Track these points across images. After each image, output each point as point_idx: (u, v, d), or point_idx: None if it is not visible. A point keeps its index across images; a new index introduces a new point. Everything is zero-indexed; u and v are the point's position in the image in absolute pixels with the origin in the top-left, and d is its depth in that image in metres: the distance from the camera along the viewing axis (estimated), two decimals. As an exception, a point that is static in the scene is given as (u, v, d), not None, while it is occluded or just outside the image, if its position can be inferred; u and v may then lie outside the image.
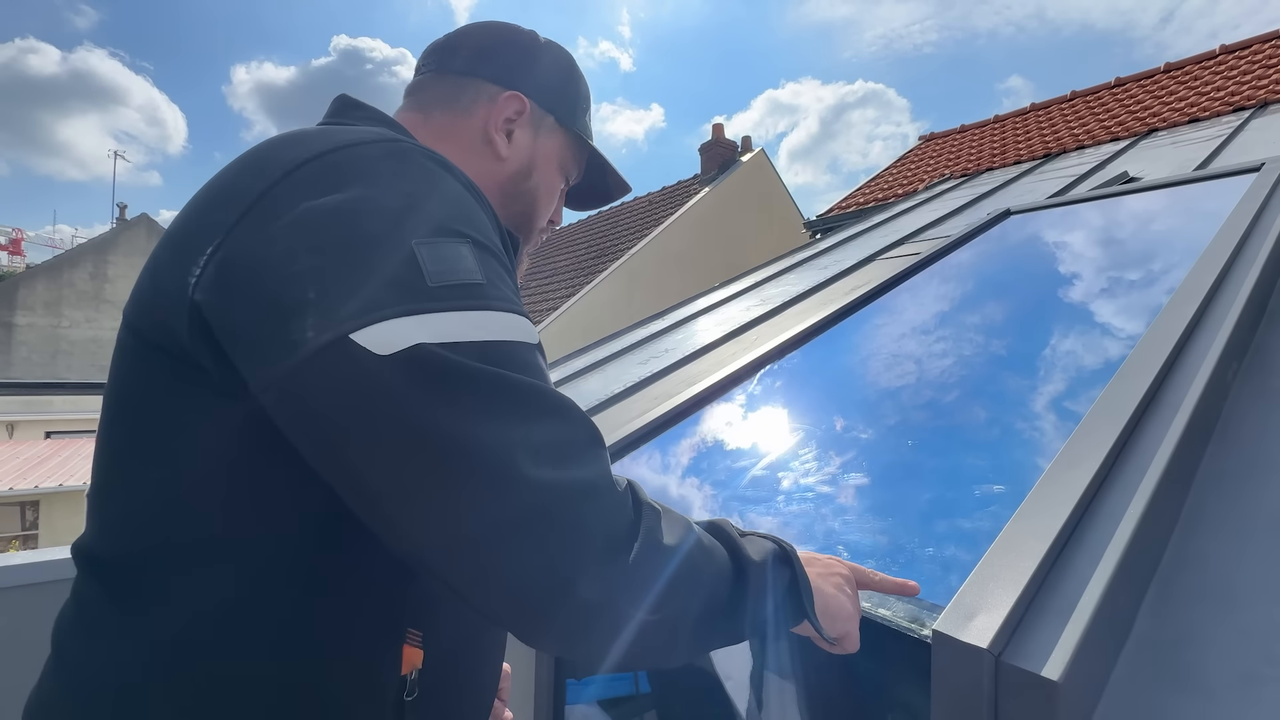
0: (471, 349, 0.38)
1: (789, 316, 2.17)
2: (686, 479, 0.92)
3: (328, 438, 0.37)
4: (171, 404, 0.43)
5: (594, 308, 7.25)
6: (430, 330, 0.37)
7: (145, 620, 0.42)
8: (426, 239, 0.40)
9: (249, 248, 0.40)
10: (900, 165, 6.30)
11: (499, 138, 0.62)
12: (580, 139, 0.68)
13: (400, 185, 0.43)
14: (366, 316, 0.36)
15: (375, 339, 0.35)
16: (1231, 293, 0.92)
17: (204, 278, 0.40)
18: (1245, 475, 0.66)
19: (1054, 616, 0.45)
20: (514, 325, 0.41)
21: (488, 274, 0.42)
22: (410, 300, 0.37)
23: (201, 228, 0.43)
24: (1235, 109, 3.59)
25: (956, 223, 2.84)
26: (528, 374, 0.40)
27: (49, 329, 13.17)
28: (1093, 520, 0.53)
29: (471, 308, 0.39)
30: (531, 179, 0.64)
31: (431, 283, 0.38)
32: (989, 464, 0.72)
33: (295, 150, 0.44)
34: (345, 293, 0.37)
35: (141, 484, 0.44)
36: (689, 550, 0.42)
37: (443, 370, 0.36)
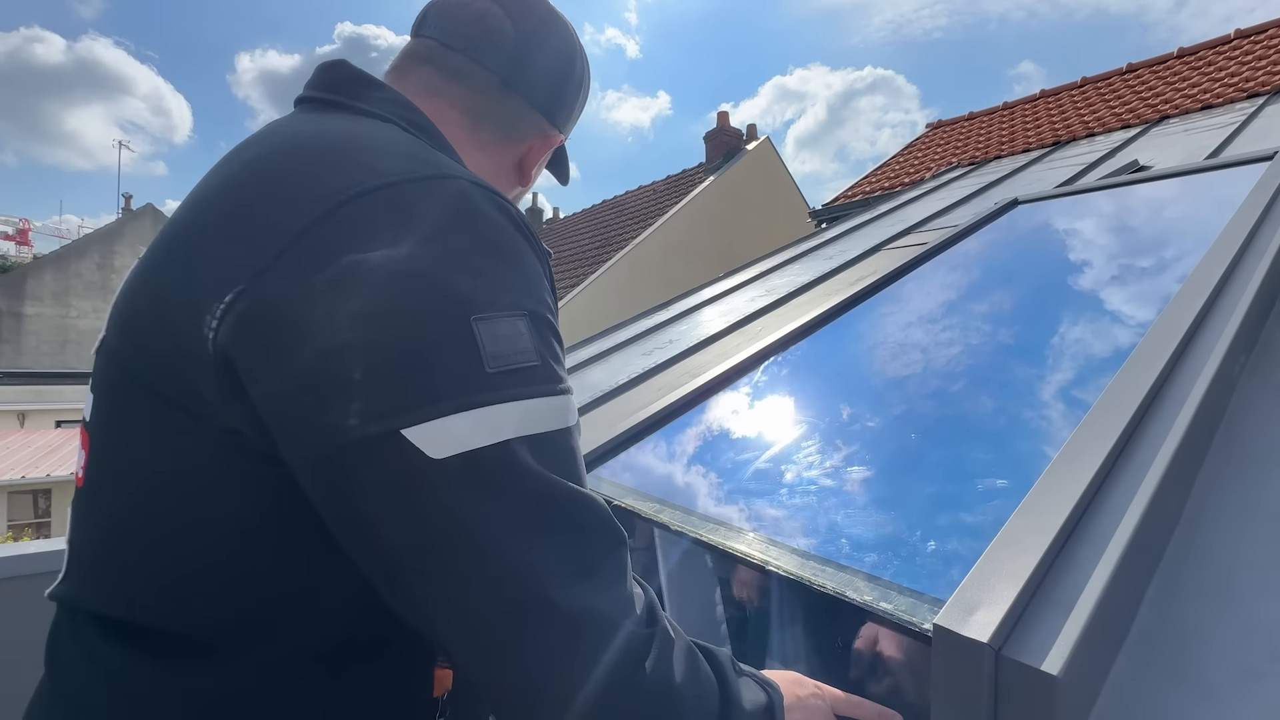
0: (522, 444, 0.36)
1: (794, 307, 2.17)
2: (691, 470, 0.92)
3: (365, 528, 0.35)
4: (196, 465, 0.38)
5: (598, 297, 7.24)
6: (485, 430, 0.34)
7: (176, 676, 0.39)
8: (485, 314, 0.36)
9: (284, 302, 0.35)
10: (907, 153, 6.24)
11: (534, 171, 0.64)
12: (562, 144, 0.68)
13: (458, 243, 0.38)
14: (421, 411, 0.33)
15: (429, 439, 0.33)
16: (1240, 286, 0.92)
17: (224, 328, 0.36)
18: (1250, 470, 0.66)
19: (1055, 611, 0.45)
20: (561, 411, 0.39)
21: (542, 351, 0.39)
22: (467, 392, 0.34)
23: (219, 262, 0.38)
24: (1249, 95, 3.53)
25: (964, 212, 2.81)
26: (570, 464, 0.39)
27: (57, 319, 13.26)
28: (1096, 515, 0.53)
29: (527, 396, 0.37)
30: (526, 185, 0.66)
31: (490, 368, 0.36)
32: (993, 457, 0.72)
33: (335, 179, 0.38)
34: (397, 379, 0.33)
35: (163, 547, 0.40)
36: (683, 691, 0.39)
37: (494, 477, 0.34)
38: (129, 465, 0.41)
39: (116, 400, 0.42)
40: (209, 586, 0.39)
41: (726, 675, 0.43)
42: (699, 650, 0.43)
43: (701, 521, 0.76)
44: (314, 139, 0.43)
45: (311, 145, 0.42)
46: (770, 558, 0.65)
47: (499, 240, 0.41)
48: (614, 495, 0.88)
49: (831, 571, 0.60)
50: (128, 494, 0.41)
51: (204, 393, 0.37)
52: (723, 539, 0.70)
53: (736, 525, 0.73)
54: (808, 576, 0.60)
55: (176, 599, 0.40)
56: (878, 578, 0.57)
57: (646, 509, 0.81)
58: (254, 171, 0.41)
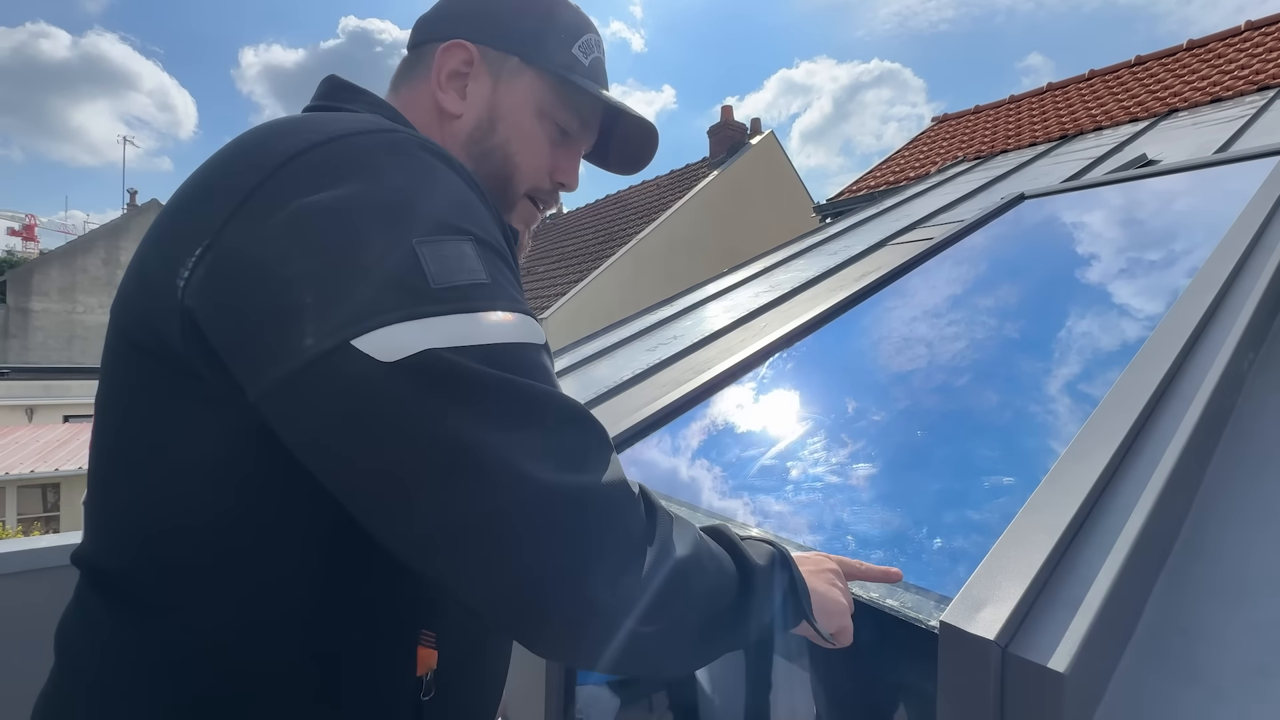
0: (478, 353, 0.36)
1: (798, 303, 2.16)
2: (695, 467, 0.92)
3: (330, 446, 0.36)
4: (168, 414, 0.41)
5: (601, 292, 7.24)
6: (436, 335, 0.35)
7: (155, 631, 0.42)
8: (428, 237, 0.38)
9: (240, 248, 0.38)
10: (913, 147, 6.20)
11: (445, 94, 0.57)
12: (561, 75, 0.58)
13: (398, 180, 0.40)
14: (368, 321, 0.34)
15: (378, 345, 0.34)
16: (1250, 281, 0.91)
17: (194, 280, 0.38)
18: (1258, 466, 0.65)
19: (1062, 609, 0.45)
20: (521, 326, 0.40)
21: (492, 273, 0.40)
22: (414, 303, 0.36)
23: (189, 224, 0.40)
24: (1260, 88, 3.49)
25: (969, 207, 2.80)
26: (535, 376, 0.38)
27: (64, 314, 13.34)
28: (1103, 512, 0.53)
29: (477, 309, 0.38)
30: (498, 131, 0.58)
31: (435, 284, 0.37)
32: (1000, 454, 0.72)
33: (287, 141, 0.41)
34: (344, 296, 0.35)
35: (141, 497, 0.42)
36: (699, 558, 0.41)
37: (450, 377, 0.35)
38: (114, 418, 0.44)
39: (108, 360, 0.45)
40: (180, 533, 0.41)
41: (734, 539, 0.47)
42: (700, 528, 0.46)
43: (707, 518, 0.76)
44: (282, 121, 0.46)
45: (275, 123, 0.45)
46: (776, 554, 0.65)
47: (439, 178, 0.42)
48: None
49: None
50: (111, 444, 0.44)
51: (171, 342, 0.39)
52: (728, 535, 0.71)
53: (742, 521, 0.73)
54: (813, 573, 0.60)
55: (151, 546, 0.42)
56: (883, 574, 0.57)
57: (652, 505, 0.82)
58: (227, 148, 0.44)
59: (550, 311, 6.80)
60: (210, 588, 0.41)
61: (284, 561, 0.42)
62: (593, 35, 0.62)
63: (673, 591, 0.38)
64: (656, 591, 0.37)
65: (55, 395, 11.26)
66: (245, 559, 0.41)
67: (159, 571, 0.42)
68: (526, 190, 0.61)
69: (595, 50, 0.62)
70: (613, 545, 0.36)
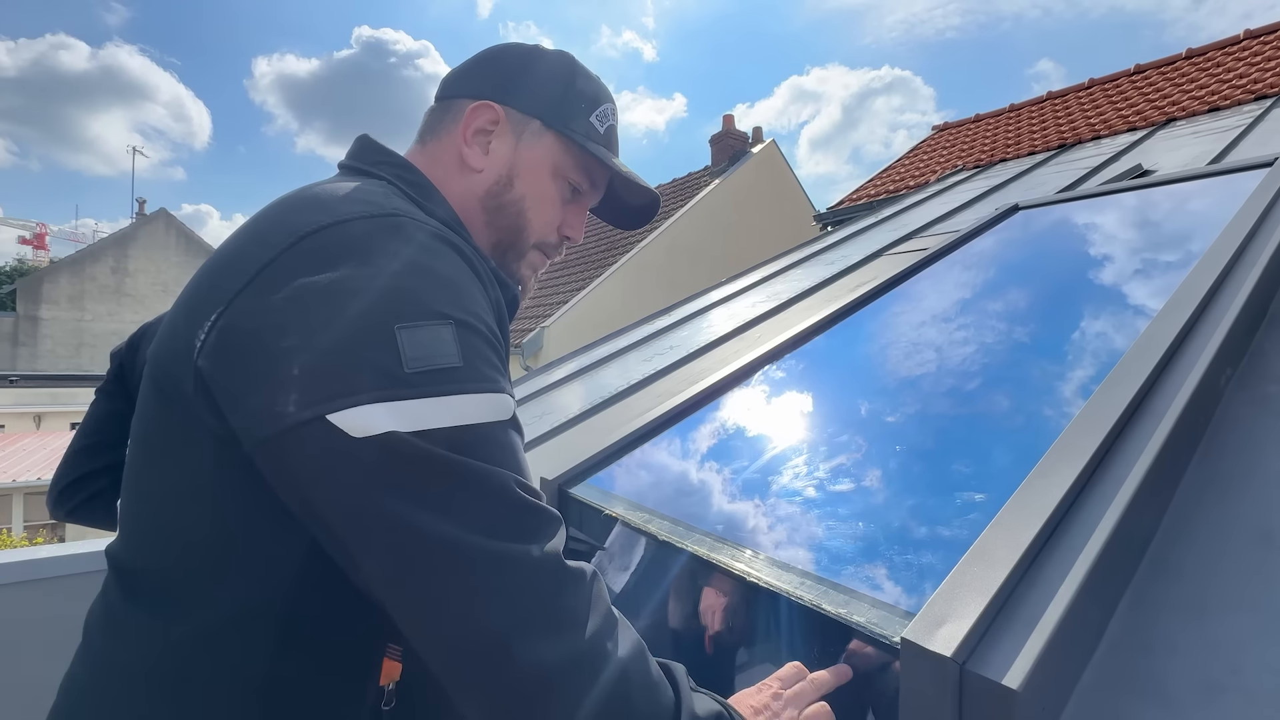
0: (441, 435, 0.41)
1: (794, 313, 2.18)
2: (681, 481, 0.94)
3: (305, 500, 0.41)
4: (178, 444, 0.47)
5: (604, 300, 7.27)
6: (401, 418, 0.40)
7: (159, 622, 0.47)
8: (408, 322, 0.42)
9: (246, 319, 0.43)
10: (914, 155, 6.22)
11: (470, 150, 0.62)
12: (578, 141, 0.63)
13: (391, 265, 0.45)
14: (343, 400, 0.39)
15: (350, 422, 0.39)
16: (1229, 296, 0.92)
17: (207, 343, 0.44)
18: (1229, 484, 0.66)
19: (1020, 626, 0.46)
20: (487, 405, 0.44)
21: (467, 355, 0.44)
22: (386, 387, 0.40)
23: (211, 291, 0.46)
24: (1257, 97, 3.50)
25: (966, 217, 2.81)
26: (490, 455, 0.42)
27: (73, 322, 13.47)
28: (1066, 531, 0.54)
29: (446, 393, 0.42)
30: (515, 188, 0.63)
31: (408, 369, 0.41)
32: (975, 469, 0.73)
33: (300, 219, 0.47)
34: (326, 373, 0.40)
35: (156, 509, 0.49)
36: (638, 662, 0.43)
37: (409, 457, 0.39)
38: (139, 440, 0.51)
39: (143, 390, 0.52)
40: (178, 541, 0.47)
41: (678, 679, 0.46)
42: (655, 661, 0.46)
43: (688, 532, 0.77)
44: (304, 193, 0.51)
45: (298, 197, 0.51)
46: (752, 569, 0.66)
47: (429, 262, 0.47)
48: (604, 505, 0.89)
49: (810, 584, 0.61)
50: (137, 461, 0.51)
51: (186, 392, 0.45)
52: (708, 551, 0.72)
53: (722, 537, 0.75)
54: (786, 588, 0.61)
55: (157, 549, 0.48)
56: (854, 590, 0.59)
57: (635, 519, 0.83)
58: (253, 220, 0.51)
59: (553, 319, 6.83)
60: (200, 590, 0.47)
61: (268, 578, 0.46)
62: (609, 105, 0.68)
63: (596, 672, 0.40)
64: (579, 666, 0.40)
65: (63, 403, 11.35)
66: (232, 568, 0.46)
67: (167, 572, 0.48)
68: (535, 242, 0.66)
69: (611, 119, 0.68)
70: (537, 614, 0.40)
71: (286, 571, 0.46)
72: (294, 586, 0.46)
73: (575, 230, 0.69)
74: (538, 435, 1.70)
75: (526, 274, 0.68)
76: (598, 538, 0.92)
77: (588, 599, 0.42)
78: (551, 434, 1.70)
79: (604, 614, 0.43)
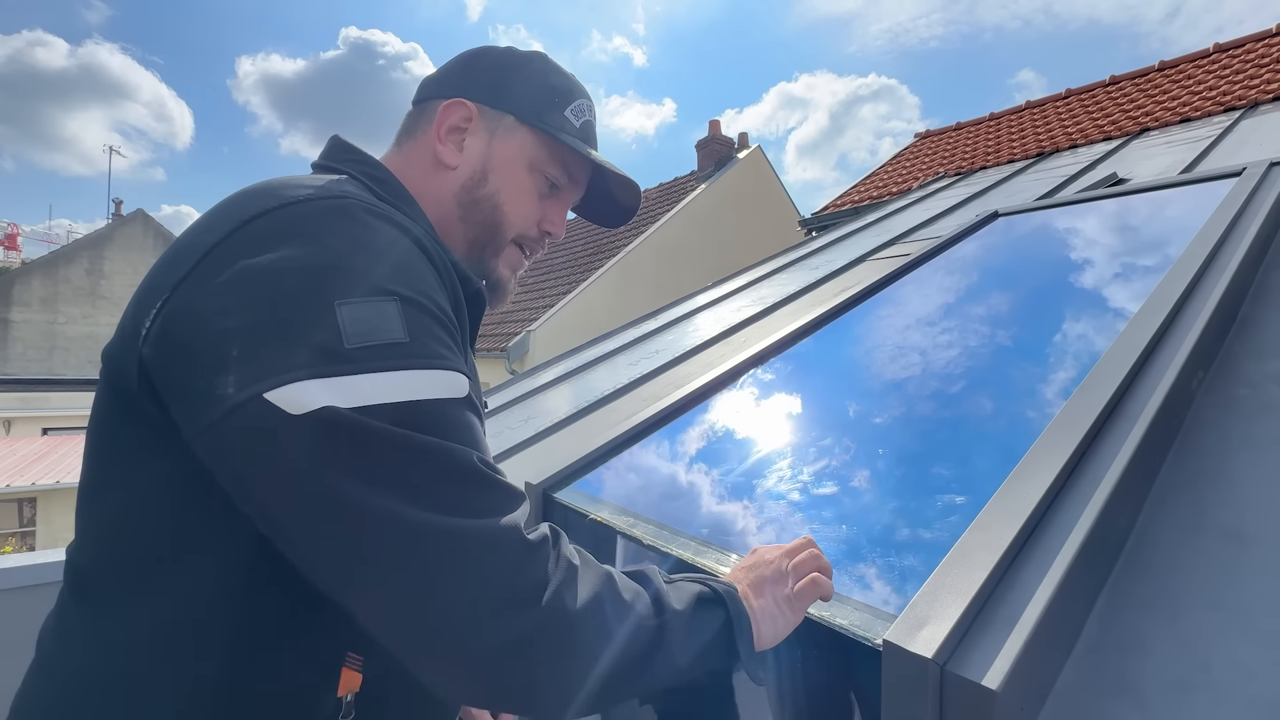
0: (383, 411, 0.39)
1: (779, 318, 2.19)
2: (666, 486, 0.94)
3: (247, 486, 0.40)
4: (128, 439, 0.46)
5: (590, 304, 7.26)
6: (340, 393, 0.38)
7: (104, 625, 0.45)
8: (350, 299, 0.41)
9: (190, 303, 0.42)
10: (897, 162, 6.31)
11: (444, 147, 0.61)
12: (552, 134, 0.63)
13: (334, 244, 0.44)
14: (280, 377, 0.38)
15: (287, 399, 0.38)
16: (1201, 300, 0.94)
17: (151, 331, 0.43)
18: (1202, 485, 0.68)
19: (999, 627, 0.47)
20: (437, 382, 0.42)
21: (414, 331, 0.43)
22: (323, 363, 0.39)
23: (160, 279, 0.45)
24: (1226, 109, 3.60)
25: (947, 223, 2.85)
26: (447, 430, 0.41)
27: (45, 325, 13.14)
28: (1044, 532, 0.55)
29: (390, 368, 0.40)
30: (489, 183, 0.62)
31: (349, 344, 0.40)
32: (956, 472, 0.74)
33: (252, 205, 0.46)
34: (264, 352, 0.39)
35: (106, 505, 0.47)
36: (603, 602, 0.43)
37: (346, 432, 0.38)
38: (92, 440, 0.50)
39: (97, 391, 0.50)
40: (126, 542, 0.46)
41: (653, 580, 0.48)
42: (622, 573, 0.47)
43: (673, 536, 0.77)
44: (260, 184, 0.50)
45: (253, 187, 0.50)
46: (737, 572, 0.66)
47: (373, 240, 0.46)
48: (589, 509, 0.89)
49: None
50: (90, 461, 0.49)
51: (130, 384, 0.44)
52: (693, 555, 0.72)
53: (707, 540, 0.75)
54: (771, 591, 0.61)
55: (106, 552, 0.47)
56: (838, 593, 0.59)
57: (620, 523, 0.83)
58: (207, 212, 0.49)
59: (539, 323, 6.81)
60: (152, 592, 0.45)
61: (219, 578, 0.45)
62: (584, 101, 0.68)
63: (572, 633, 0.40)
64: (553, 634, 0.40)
65: (34, 407, 11.06)
66: (180, 569, 0.45)
67: (114, 572, 0.46)
68: (514, 237, 0.65)
69: (586, 114, 0.68)
70: (495, 585, 0.39)
71: (237, 573, 0.44)
72: (245, 589, 0.45)
73: (556, 225, 0.68)
74: (523, 439, 1.69)
75: (505, 273, 0.67)
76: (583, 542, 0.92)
77: (549, 562, 0.42)
78: (536, 438, 1.69)
79: (564, 568, 0.42)
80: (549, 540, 0.43)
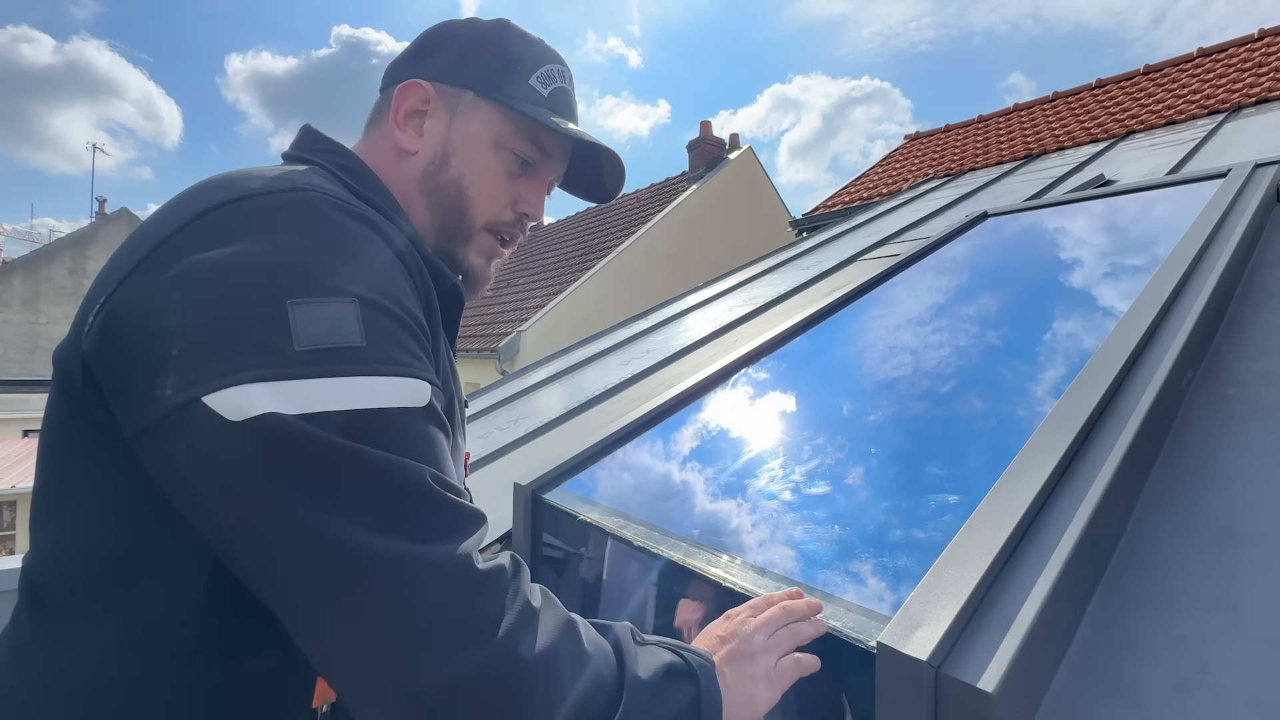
0: (331, 420, 0.36)
1: (769, 318, 2.19)
2: (656, 486, 0.93)
3: (187, 495, 0.38)
4: (80, 443, 0.43)
5: (581, 305, 7.24)
6: (285, 399, 0.36)
7: (61, 638, 0.42)
8: (304, 299, 0.38)
9: (133, 299, 0.39)
10: (887, 163, 6.34)
11: (403, 133, 0.58)
12: (514, 105, 0.58)
13: (290, 240, 0.41)
14: (221, 380, 0.35)
15: (226, 404, 0.35)
16: (1189, 300, 0.95)
17: (93, 327, 0.40)
18: (1194, 484, 0.68)
19: (994, 628, 0.46)
20: (395, 390, 0.39)
21: (372, 335, 0.40)
22: (270, 365, 0.36)
23: (108, 273, 0.42)
24: (1210, 112, 3.65)
25: (937, 224, 2.87)
26: (402, 443, 0.38)
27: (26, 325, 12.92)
28: (1038, 532, 0.54)
29: (343, 374, 0.38)
30: (451, 165, 0.58)
31: (299, 346, 0.37)
32: (949, 471, 0.74)
33: (207, 197, 0.43)
34: (207, 353, 0.36)
35: (57, 515, 0.45)
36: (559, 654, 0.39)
37: (293, 443, 0.35)
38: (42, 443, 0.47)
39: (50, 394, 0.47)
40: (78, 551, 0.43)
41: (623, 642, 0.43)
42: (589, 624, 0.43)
43: (664, 537, 0.76)
44: (221, 175, 0.47)
45: (213, 178, 0.47)
46: (729, 574, 0.65)
47: (336, 237, 0.43)
48: (579, 510, 0.88)
49: (787, 589, 0.60)
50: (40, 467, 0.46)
51: (75, 382, 0.42)
52: (684, 555, 0.71)
53: (698, 541, 0.74)
54: (763, 593, 0.60)
55: (57, 562, 0.44)
56: (831, 594, 0.58)
57: (610, 524, 0.82)
58: (164, 204, 0.47)
59: (529, 324, 6.78)
60: (106, 603, 0.42)
61: (181, 587, 0.42)
62: (554, 67, 0.62)
63: (513, 685, 0.36)
64: (492, 680, 0.36)
65: (15, 409, 10.87)
66: (135, 578, 0.42)
67: (63, 586, 0.43)
68: (485, 223, 0.61)
69: (557, 80, 0.62)
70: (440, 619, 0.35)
71: (196, 579, 0.42)
72: (206, 596, 0.42)
73: (533, 206, 0.63)
74: (512, 440, 1.67)
75: (478, 261, 0.62)
76: (572, 543, 0.91)
77: (504, 597, 0.38)
78: (526, 439, 1.68)
79: (521, 608, 0.39)
80: (506, 573, 0.40)
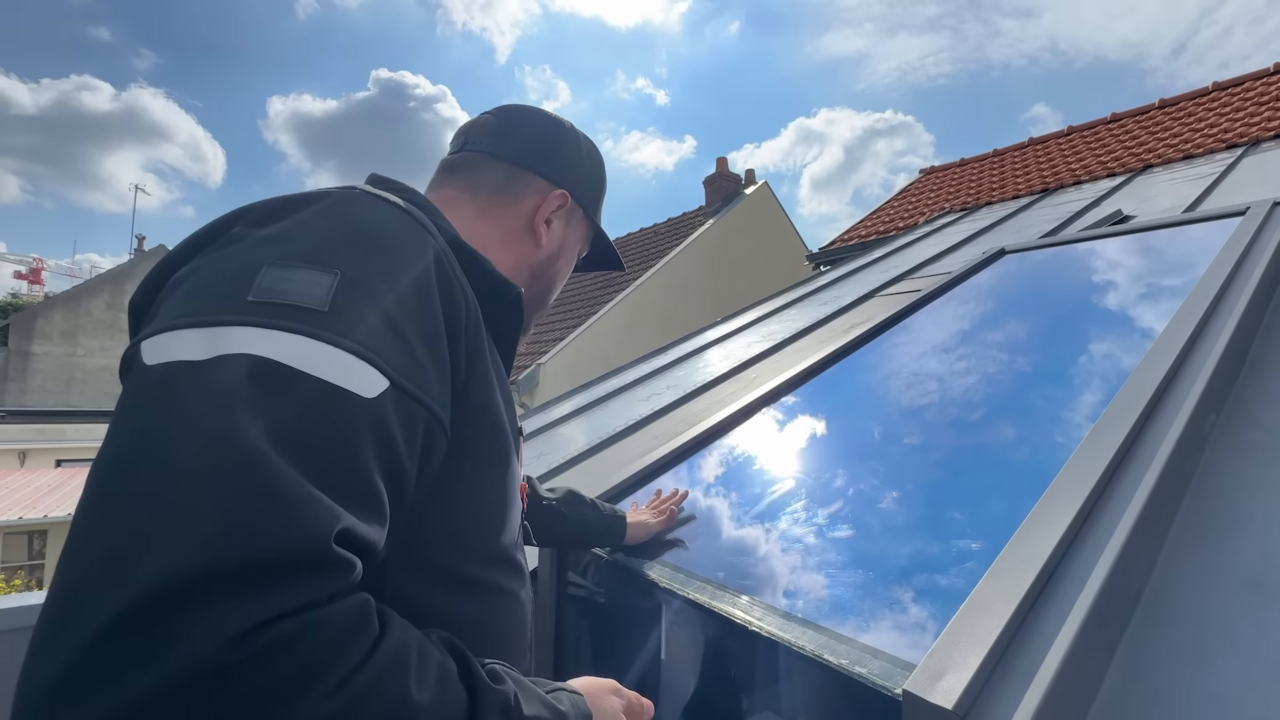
0: (236, 363, 0.33)
1: (789, 354, 2.21)
2: (684, 523, 0.94)
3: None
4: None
5: (600, 337, 7.31)
6: (204, 345, 0.33)
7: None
8: (284, 261, 0.37)
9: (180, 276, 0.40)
10: (903, 197, 6.39)
11: (542, 228, 0.66)
12: (596, 225, 0.75)
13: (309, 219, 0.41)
14: (161, 323, 0.34)
15: (150, 349, 0.33)
16: (1210, 342, 0.95)
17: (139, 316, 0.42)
18: (1219, 530, 0.68)
19: (1019, 678, 0.47)
20: (334, 364, 0.34)
21: (341, 306, 0.37)
22: (208, 311, 0.34)
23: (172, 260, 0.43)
24: (1229, 146, 3.65)
25: (955, 259, 2.88)
26: (302, 426, 0.32)
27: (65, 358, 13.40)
28: (1061, 580, 0.55)
29: (287, 330, 0.34)
30: (559, 262, 0.70)
31: (251, 297, 0.35)
32: (970, 516, 0.75)
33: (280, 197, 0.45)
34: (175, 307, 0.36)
35: None
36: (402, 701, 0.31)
37: (172, 387, 0.32)
38: None
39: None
40: None
41: (476, 678, 0.36)
42: (445, 655, 0.36)
43: (689, 579, 0.77)
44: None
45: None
46: (754, 618, 0.67)
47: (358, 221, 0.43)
48: (602, 551, 0.89)
49: (811, 634, 0.61)
50: None
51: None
52: (710, 598, 0.72)
53: (722, 583, 0.75)
54: (788, 638, 0.61)
55: None
56: (856, 640, 0.59)
57: (635, 565, 0.83)
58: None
59: (549, 356, 6.85)
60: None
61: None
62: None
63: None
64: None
65: (50, 439, 11.18)
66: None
67: None
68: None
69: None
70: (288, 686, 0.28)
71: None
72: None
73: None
74: (537, 476, 1.69)
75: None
76: (598, 584, 0.92)
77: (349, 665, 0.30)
78: (551, 474, 1.70)
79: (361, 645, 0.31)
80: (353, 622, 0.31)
